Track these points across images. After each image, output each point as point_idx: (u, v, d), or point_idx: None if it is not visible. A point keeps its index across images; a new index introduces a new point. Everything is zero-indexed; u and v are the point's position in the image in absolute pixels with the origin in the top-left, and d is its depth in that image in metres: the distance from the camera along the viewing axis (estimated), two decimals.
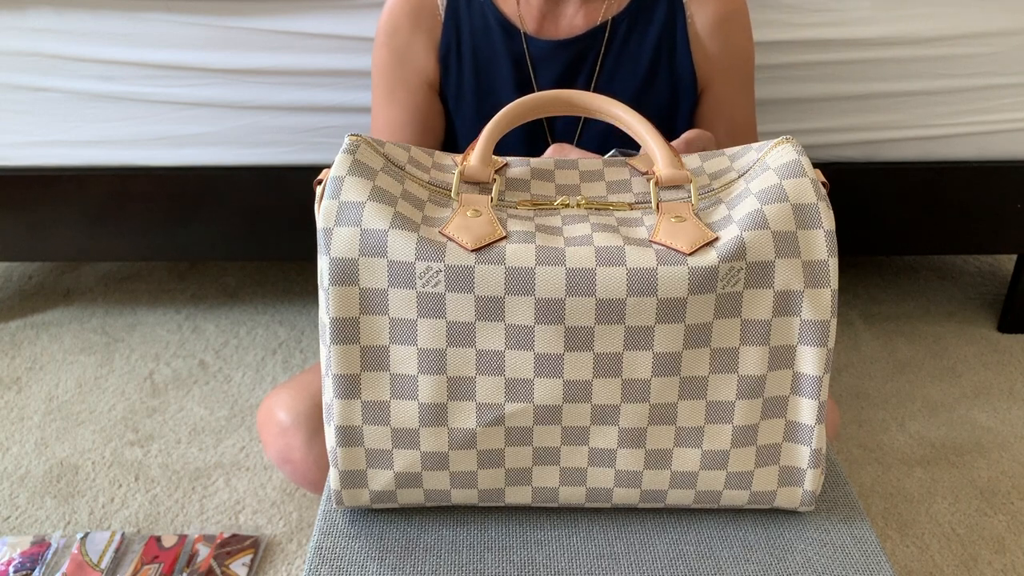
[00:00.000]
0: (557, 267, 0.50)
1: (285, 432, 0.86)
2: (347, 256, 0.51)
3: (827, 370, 0.54)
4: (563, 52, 0.88)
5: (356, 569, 0.55)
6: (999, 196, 1.32)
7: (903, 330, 1.50)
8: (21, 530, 1.04)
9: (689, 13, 0.89)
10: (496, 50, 0.89)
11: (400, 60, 0.92)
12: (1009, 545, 1.04)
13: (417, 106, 0.93)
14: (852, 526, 0.59)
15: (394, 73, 0.92)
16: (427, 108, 0.93)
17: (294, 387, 0.88)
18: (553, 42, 0.87)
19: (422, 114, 0.93)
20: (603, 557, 0.56)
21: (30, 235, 1.31)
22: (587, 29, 0.87)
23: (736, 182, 0.56)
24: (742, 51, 0.93)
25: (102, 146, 1.24)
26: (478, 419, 0.53)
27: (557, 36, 0.87)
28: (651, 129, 0.57)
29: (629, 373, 0.52)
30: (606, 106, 0.58)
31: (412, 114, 0.93)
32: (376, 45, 0.93)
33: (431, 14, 0.90)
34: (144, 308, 1.55)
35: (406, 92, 0.92)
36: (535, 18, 0.87)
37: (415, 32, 0.91)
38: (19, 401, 1.29)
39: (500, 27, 0.88)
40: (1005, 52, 1.21)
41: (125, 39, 1.17)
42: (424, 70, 0.92)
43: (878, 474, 1.16)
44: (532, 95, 0.58)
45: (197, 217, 1.30)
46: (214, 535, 1.03)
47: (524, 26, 0.87)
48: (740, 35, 0.92)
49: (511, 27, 0.88)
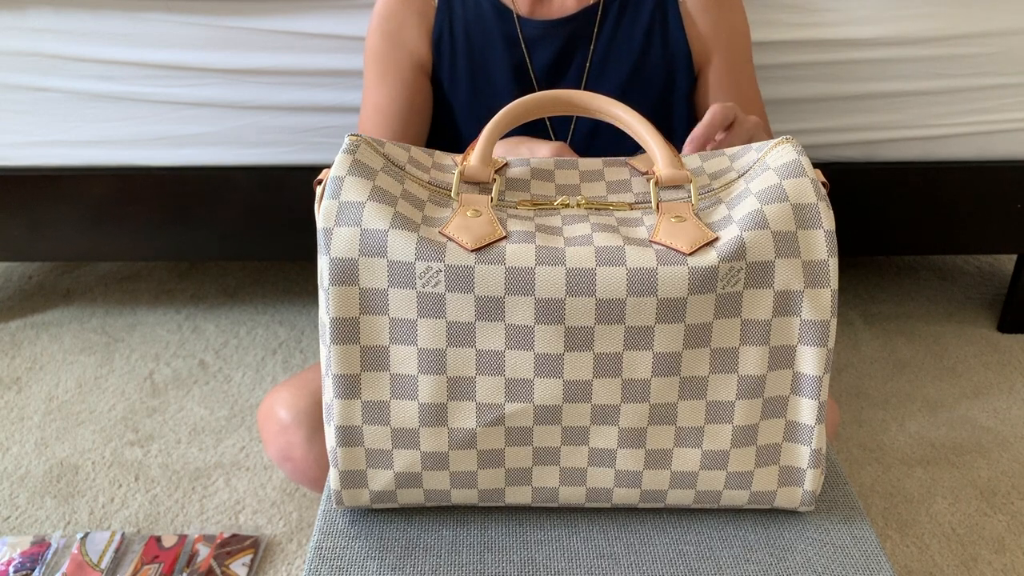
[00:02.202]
0: (557, 267, 0.50)
1: (286, 430, 0.86)
2: (347, 256, 0.51)
3: (827, 370, 0.54)
4: (556, 33, 0.89)
5: (356, 569, 0.55)
6: (999, 196, 1.32)
7: (903, 330, 1.50)
8: (21, 530, 1.04)
9: None
10: (489, 32, 0.90)
11: (392, 43, 0.93)
12: (1009, 545, 1.04)
13: (406, 89, 0.93)
14: (852, 526, 0.59)
15: (386, 56, 0.93)
16: (416, 91, 0.94)
17: (295, 385, 0.88)
18: (546, 23, 0.88)
19: (410, 97, 0.93)
20: (603, 557, 0.56)
21: (30, 235, 1.31)
22: (579, 9, 0.88)
23: (736, 182, 0.56)
24: (736, 27, 0.94)
25: (102, 146, 1.24)
26: (478, 419, 0.53)
27: (550, 16, 0.89)
28: (651, 129, 0.57)
29: (629, 373, 0.52)
30: (606, 106, 0.58)
31: (401, 96, 0.93)
32: (370, 30, 0.95)
33: (424, 9, 0.92)
34: (144, 308, 1.55)
35: (397, 75, 0.93)
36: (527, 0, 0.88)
37: (408, 16, 0.92)
38: (19, 401, 1.29)
39: (493, 9, 0.90)
40: (1005, 52, 1.21)
41: (125, 39, 1.17)
42: (416, 53, 0.93)
43: (878, 474, 1.16)
44: (532, 95, 0.58)
45: (197, 217, 1.30)
46: (214, 535, 1.03)
47: (516, 8, 0.88)
48: (732, 11, 0.94)
49: (504, 8, 0.90)
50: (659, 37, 0.89)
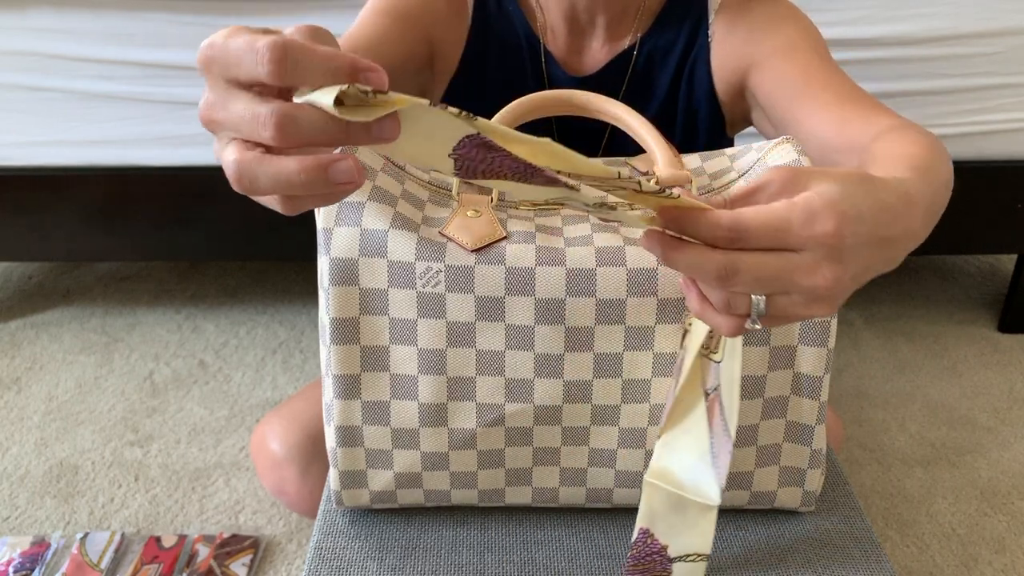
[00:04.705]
0: (557, 267, 0.50)
1: (279, 465, 0.86)
2: (347, 256, 0.51)
3: (827, 370, 0.54)
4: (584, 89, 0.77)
5: (356, 569, 0.55)
6: (999, 196, 1.32)
7: (903, 330, 1.50)
8: (21, 530, 1.04)
9: (711, 32, 0.76)
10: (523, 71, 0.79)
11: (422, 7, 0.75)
12: (1009, 545, 1.04)
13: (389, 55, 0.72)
14: (852, 526, 0.59)
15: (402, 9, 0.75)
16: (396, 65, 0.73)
17: (286, 416, 0.87)
18: (576, 79, 0.78)
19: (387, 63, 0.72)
20: (603, 557, 0.56)
21: (30, 235, 1.31)
22: (609, 59, 0.78)
23: (736, 182, 0.56)
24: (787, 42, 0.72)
25: (102, 146, 1.24)
26: (478, 419, 0.53)
27: (580, 72, 0.79)
28: (651, 129, 0.57)
29: (629, 373, 0.52)
30: (606, 106, 0.58)
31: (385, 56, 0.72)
32: None
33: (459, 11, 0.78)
34: (144, 308, 1.55)
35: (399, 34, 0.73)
36: (561, 48, 0.79)
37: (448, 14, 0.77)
38: (19, 401, 1.28)
39: (525, 40, 0.78)
40: (1005, 52, 1.21)
41: (125, 39, 1.17)
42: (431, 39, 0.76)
43: (878, 474, 1.16)
44: (532, 95, 0.58)
45: (197, 217, 1.30)
46: (214, 535, 1.02)
47: (546, 41, 0.78)
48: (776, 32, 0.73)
49: (533, 38, 0.78)
50: (685, 84, 0.78)
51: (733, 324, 0.38)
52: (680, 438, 0.49)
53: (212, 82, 0.34)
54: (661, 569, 0.51)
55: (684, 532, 0.50)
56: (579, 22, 0.77)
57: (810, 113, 0.64)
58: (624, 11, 0.77)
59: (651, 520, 0.50)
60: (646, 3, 0.77)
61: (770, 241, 0.35)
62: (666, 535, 0.50)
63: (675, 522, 0.50)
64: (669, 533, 0.50)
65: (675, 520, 0.50)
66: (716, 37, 0.76)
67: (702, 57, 0.77)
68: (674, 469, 0.49)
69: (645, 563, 0.51)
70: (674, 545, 0.50)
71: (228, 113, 0.33)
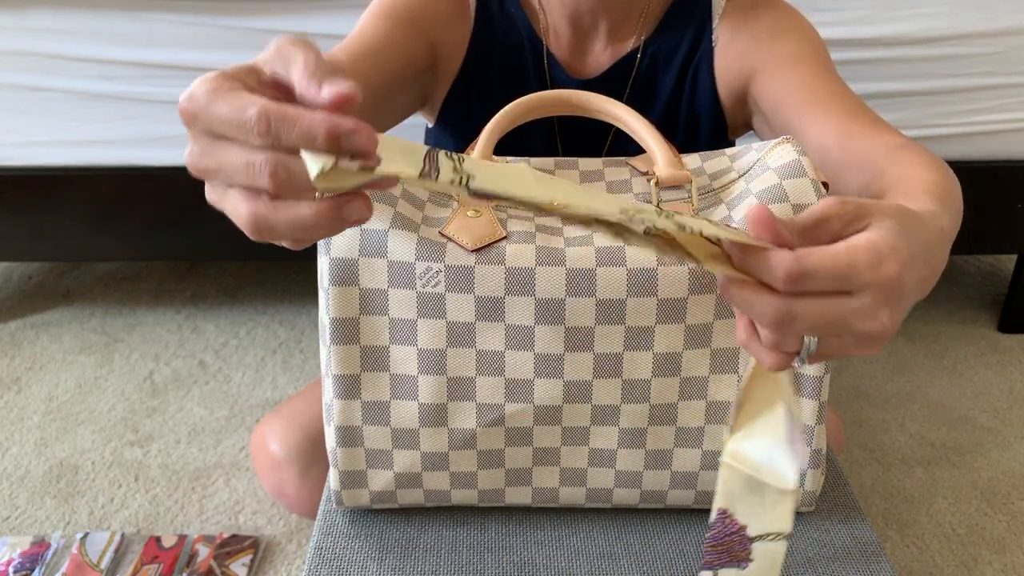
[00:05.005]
0: (557, 267, 0.50)
1: (278, 467, 0.86)
2: (347, 256, 0.51)
3: (827, 370, 0.54)
4: None
5: (356, 569, 0.55)
6: (999, 196, 1.32)
7: (903, 330, 1.50)
8: (21, 530, 1.04)
9: (715, 36, 0.77)
10: (525, 74, 0.79)
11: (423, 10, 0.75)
12: (1009, 545, 1.04)
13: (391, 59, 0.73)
14: (852, 526, 0.59)
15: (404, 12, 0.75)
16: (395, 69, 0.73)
17: (286, 417, 0.87)
18: (579, 82, 0.78)
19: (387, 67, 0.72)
20: (603, 557, 0.56)
21: (30, 235, 1.31)
22: (613, 62, 0.78)
23: (736, 182, 0.56)
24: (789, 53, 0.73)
25: (102, 146, 1.24)
26: (478, 419, 0.53)
27: (584, 75, 0.79)
28: (651, 129, 0.57)
29: (629, 373, 0.52)
30: (605, 106, 0.58)
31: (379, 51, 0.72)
32: None
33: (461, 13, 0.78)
34: (144, 308, 1.55)
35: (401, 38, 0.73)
36: (564, 50, 0.79)
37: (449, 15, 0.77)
38: (19, 401, 1.28)
39: (529, 43, 0.78)
40: (1005, 52, 1.21)
41: (125, 39, 1.17)
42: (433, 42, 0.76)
43: (878, 474, 1.16)
44: (532, 95, 0.58)
45: (197, 217, 1.29)
46: (214, 535, 1.02)
47: (549, 42, 0.78)
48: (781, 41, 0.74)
49: (536, 40, 0.78)
50: (688, 87, 0.78)
51: (780, 361, 0.37)
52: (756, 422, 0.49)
53: (195, 135, 0.35)
54: (740, 548, 0.51)
55: (762, 514, 0.49)
56: (582, 25, 0.77)
57: (813, 124, 0.65)
58: (627, 14, 0.77)
59: (730, 500, 0.50)
60: (649, 6, 0.78)
61: (833, 285, 0.34)
62: (745, 515, 0.50)
63: (753, 503, 0.49)
64: (748, 514, 0.50)
65: (753, 501, 0.49)
66: (720, 42, 0.77)
67: (705, 61, 0.77)
68: (751, 452, 0.49)
69: (724, 543, 0.51)
70: (753, 525, 0.50)
71: (220, 162, 0.33)
